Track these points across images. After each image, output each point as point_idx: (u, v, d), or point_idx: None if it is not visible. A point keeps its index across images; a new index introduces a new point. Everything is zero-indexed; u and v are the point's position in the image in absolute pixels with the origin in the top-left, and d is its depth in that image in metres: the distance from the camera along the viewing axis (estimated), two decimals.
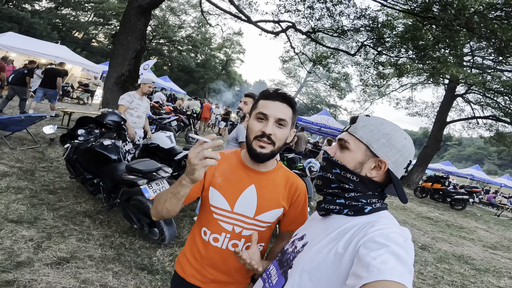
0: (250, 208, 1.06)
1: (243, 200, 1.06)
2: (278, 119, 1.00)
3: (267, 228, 1.11)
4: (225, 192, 1.06)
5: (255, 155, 1.02)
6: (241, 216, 1.06)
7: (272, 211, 1.08)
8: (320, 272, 0.73)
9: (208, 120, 14.79)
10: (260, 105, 1.03)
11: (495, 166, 52.60)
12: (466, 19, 5.44)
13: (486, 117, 16.25)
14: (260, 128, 1.00)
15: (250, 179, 1.08)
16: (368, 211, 0.78)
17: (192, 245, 1.15)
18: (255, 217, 1.06)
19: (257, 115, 1.02)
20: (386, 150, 0.78)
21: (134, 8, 5.24)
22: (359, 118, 0.85)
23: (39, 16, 26.89)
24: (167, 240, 2.85)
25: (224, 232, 1.07)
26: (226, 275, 1.10)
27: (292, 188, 1.12)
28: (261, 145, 1.00)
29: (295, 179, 1.15)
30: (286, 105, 1.02)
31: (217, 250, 1.08)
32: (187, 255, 1.15)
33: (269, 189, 1.08)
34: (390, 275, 0.55)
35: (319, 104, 37.91)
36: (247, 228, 1.07)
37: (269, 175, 1.10)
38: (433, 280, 3.80)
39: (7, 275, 2.02)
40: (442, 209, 10.95)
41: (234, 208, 1.06)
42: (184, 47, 36.22)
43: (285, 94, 1.03)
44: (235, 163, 1.11)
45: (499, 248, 6.45)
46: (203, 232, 1.11)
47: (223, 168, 1.10)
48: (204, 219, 1.11)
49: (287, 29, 9.71)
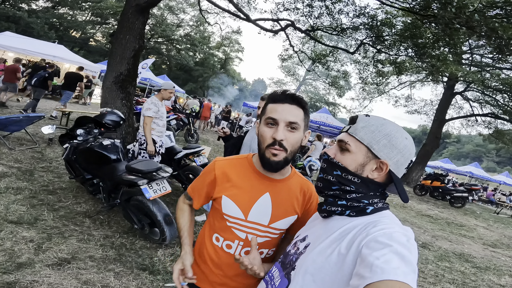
0: (265, 217, 1.03)
1: (258, 208, 1.03)
2: (289, 123, 0.95)
3: (279, 235, 1.10)
4: (238, 201, 1.03)
5: (269, 165, 0.97)
6: (255, 225, 1.04)
7: (287, 218, 1.06)
8: (323, 273, 0.72)
9: (208, 119, 14.78)
10: (268, 109, 0.99)
11: (494, 163, 52.78)
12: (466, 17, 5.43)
13: (485, 115, 16.30)
14: (271, 135, 0.95)
15: (264, 187, 1.04)
16: (370, 211, 0.77)
17: (202, 248, 1.13)
18: (269, 225, 1.04)
19: (267, 121, 0.97)
20: (388, 151, 0.77)
21: (132, 7, 5.21)
22: (359, 118, 0.83)
23: (36, 16, 26.80)
24: (168, 240, 2.84)
25: (238, 240, 1.05)
26: (235, 279, 1.09)
27: (306, 195, 1.10)
28: (274, 153, 0.96)
29: (309, 185, 1.13)
30: (296, 107, 0.97)
31: (229, 257, 1.06)
32: (196, 258, 1.14)
33: (284, 197, 1.06)
34: (394, 274, 0.55)
35: (318, 102, 37.94)
36: (261, 236, 1.05)
37: (284, 183, 1.07)
38: (434, 278, 3.81)
39: (8, 276, 2.01)
40: (442, 206, 10.99)
41: (248, 217, 1.03)
42: (182, 45, 36.16)
43: (294, 95, 0.98)
44: (247, 170, 1.08)
45: (499, 246, 6.48)
46: (215, 238, 1.09)
47: (234, 175, 1.06)
48: (217, 226, 1.09)
49: (286, 27, 9.67)
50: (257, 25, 9.01)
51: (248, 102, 20.96)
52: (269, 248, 1.09)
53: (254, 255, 0.95)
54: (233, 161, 1.11)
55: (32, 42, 12.45)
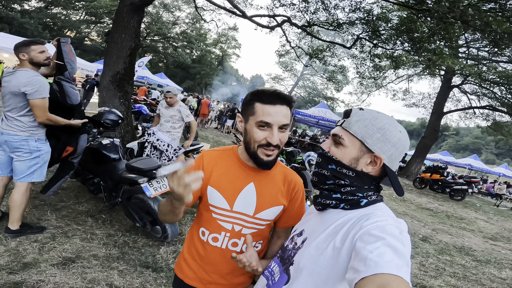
0: (250, 207, 1.05)
1: (243, 198, 1.04)
2: (282, 125, 0.97)
3: (267, 226, 1.10)
4: (223, 191, 1.05)
5: (263, 164, 1.00)
6: (241, 215, 1.05)
7: (272, 208, 1.07)
8: (319, 267, 0.74)
9: (207, 116, 14.75)
10: (259, 111, 0.97)
11: (493, 155, 52.93)
12: (460, 11, 5.43)
13: (483, 107, 16.35)
14: (265, 137, 0.97)
15: (249, 177, 1.06)
16: (364, 204, 0.78)
17: (190, 246, 1.13)
18: (255, 215, 1.05)
19: (259, 123, 0.97)
20: (381, 145, 0.78)
21: (127, 5, 5.18)
22: (352, 112, 0.83)
23: (29, 16, 26.59)
24: (169, 237, 2.87)
25: (224, 231, 1.05)
26: (226, 276, 1.09)
27: (290, 185, 1.11)
28: (268, 153, 0.98)
29: (293, 175, 1.14)
30: (286, 107, 0.99)
31: (216, 250, 1.06)
32: (185, 256, 1.14)
33: (269, 186, 1.07)
34: (388, 268, 0.55)
35: (316, 97, 37.89)
36: (247, 227, 1.06)
37: (267, 173, 1.08)
38: (435, 272, 3.84)
39: (15, 276, 2.03)
40: (442, 199, 11.05)
41: (233, 207, 1.04)
42: (179, 43, 35.98)
43: (284, 96, 0.98)
44: (232, 161, 1.09)
45: (499, 239, 6.52)
46: (201, 232, 1.09)
47: (220, 166, 1.08)
48: (203, 219, 1.10)
49: (283, 23, 9.64)
50: (254, 22, 8.98)
51: None
52: (257, 240, 1.09)
53: (250, 252, 0.96)
54: (219, 152, 1.13)
55: None
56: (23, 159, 2.44)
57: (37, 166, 2.52)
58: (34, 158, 2.48)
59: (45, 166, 2.62)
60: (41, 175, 2.59)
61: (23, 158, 2.44)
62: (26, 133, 2.43)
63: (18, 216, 2.50)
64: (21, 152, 2.43)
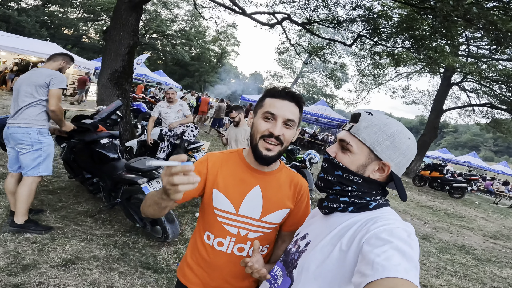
0: (256, 210, 1.03)
1: (248, 202, 1.03)
2: (287, 120, 0.97)
3: (273, 229, 1.09)
4: (229, 194, 1.03)
5: (261, 158, 0.99)
6: (247, 219, 1.03)
7: (278, 211, 1.05)
8: (325, 270, 0.72)
9: (206, 114, 14.71)
10: (267, 103, 0.99)
11: (491, 152, 53.11)
12: (464, 10, 5.37)
13: (482, 105, 16.36)
14: (268, 128, 0.96)
15: (255, 180, 1.05)
16: (373, 207, 0.77)
17: (194, 250, 1.11)
18: (261, 218, 1.03)
19: (265, 115, 0.98)
20: (390, 153, 0.76)
21: (125, 3, 5.12)
22: (361, 117, 0.81)
23: (26, 14, 26.43)
24: (170, 237, 2.84)
25: (229, 236, 1.03)
26: (230, 281, 1.07)
27: (296, 188, 1.10)
28: (268, 147, 0.97)
29: (299, 178, 1.13)
30: (295, 105, 0.99)
31: (221, 255, 1.04)
32: (188, 261, 1.11)
33: (275, 189, 1.06)
34: (395, 271, 0.55)
35: (315, 95, 37.79)
36: (253, 231, 1.04)
37: (273, 175, 1.07)
38: (436, 271, 3.84)
39: (15, 278, 2.00)
40: (441, 197, 11.08)
41: (239, 211, 1.02)
42: (177, 40, 35.81)
43: (294, 93, 0.99)
44: (237, 163, 1.08)
45: (499, 238, 6.53)
46: (206, 237, 1.07)
47: (225, 169, 1.06)
48: (207, 223, 1.07)
49: (282, 20, 9.57)
50: (253, 19, 8.91)
51: (246, 96, 20.90)
52: (263, 244, 1.08)
53: (257, 257, 0.94)
54: (224, 155, 1.11)
55: (24, 40, 12.25)
56: (25, 151, 2.53)
57: (40, 159, 2.59)
58: (36, 150, 2.56)
59: (49, 160, 2.69)
60: (47, 168, 2.66)
61: (26, 150, 2.53)
62: (29, 124, 2.53)
63: (23, 210, 2.55)
64: (23, 145, 2.52)
